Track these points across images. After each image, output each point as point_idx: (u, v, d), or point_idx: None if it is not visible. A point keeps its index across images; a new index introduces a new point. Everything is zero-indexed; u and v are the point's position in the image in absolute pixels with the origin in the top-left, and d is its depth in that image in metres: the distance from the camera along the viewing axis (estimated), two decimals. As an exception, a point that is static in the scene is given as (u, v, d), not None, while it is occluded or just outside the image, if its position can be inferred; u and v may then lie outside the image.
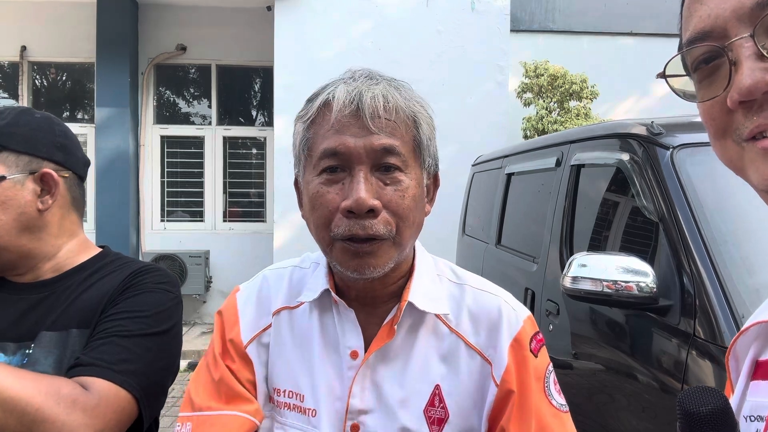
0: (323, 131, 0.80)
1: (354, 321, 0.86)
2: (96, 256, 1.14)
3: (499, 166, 3.88)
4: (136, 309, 1.02)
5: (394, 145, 0.79)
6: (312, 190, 0.81)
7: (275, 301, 0.92)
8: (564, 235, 2.61)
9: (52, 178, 1.07)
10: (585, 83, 6.03)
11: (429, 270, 0.90)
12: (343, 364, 0.85)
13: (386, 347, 0.84)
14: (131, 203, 6.41)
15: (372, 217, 0.77)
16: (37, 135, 1.07)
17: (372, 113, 0.78)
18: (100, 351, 0.96)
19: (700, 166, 1.96)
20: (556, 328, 2.48)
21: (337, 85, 0.82)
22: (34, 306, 1.05)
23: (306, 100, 0.86)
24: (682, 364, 1.67)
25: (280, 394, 0.87)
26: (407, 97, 0.83)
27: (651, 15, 7.26)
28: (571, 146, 2.74)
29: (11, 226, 1.04)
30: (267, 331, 0.90)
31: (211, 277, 6.68)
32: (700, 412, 0.47)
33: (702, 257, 1.73)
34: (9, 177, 1.03)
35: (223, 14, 6.61)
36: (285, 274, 0.95)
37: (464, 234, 4.61)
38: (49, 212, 1.08)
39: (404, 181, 0.80)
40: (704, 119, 0.55)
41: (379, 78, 0.83)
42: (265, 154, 6.92)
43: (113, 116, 6.22)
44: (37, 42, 6.65)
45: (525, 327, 0.87)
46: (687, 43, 0.54)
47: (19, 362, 0.99)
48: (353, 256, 0.79)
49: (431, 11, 5.85)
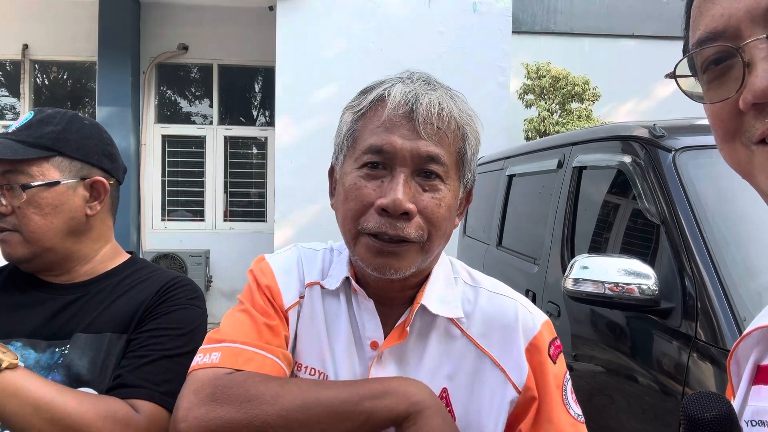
0: (372, 126, 0.80)
1: (373, 311, 0.85)
2: (126, 262, 1.18)
3: (501, 168, 3.88)
4: (173, 327, 1.05)
5: (440, 155, 0.78)
6: (349, 182, 0.80)
7: (308, 275, 0.90)
8: (565, 237, 2.61)
9: (102, 186, 1.12)
10: (587, 85, 6.03)
11: (446, 273, 0.90)
12: (365, 353, 0.85)
13: (398, 348, 0.84)
14: (132, 202, 6.41)
15: (405, 219, 0.77)
16: (89, 142, 1.11)
17: (425, 118, 0.77)
18: (146, 372, 0.99)
19: (703, 169, 1.96)
20: (557, 330, 2.47)
21: (394, 83, 0.81)
22: (66, 306, 1.08)
23: (359, 91, 0.85)
24: (683, 366, 1.67)
25: (302, 369, 0.85)
26: (461, 108, 0.82)
27: (652, 17, 7.27)
28: (573, 148, 2.74)
29: (60, 229, 1.07)
30: (300, 302, 0.88)
31: (211, 276, 6.68)
32: (704, 417, 0.47)
33: (704, 260, 1.74)
34: (63, 182, 1.07)
35: (225, 14, 6.61)
36: (317, 255, 0.93)
37: (465, 235, 4.61)
38: (94, 217, 1.12)
39: (442, 190, 0.79)
40: (712, 121, 0.54)
41: (436, 84, 0.83)
42: (266, 153, 6.93)
43: (114, 115, 6.22)
44: (39, 40, 6.65)
45: (542, 332, 0.87)
46: (697, 43, 0.52)
47: (49, 360, 1.02)
48: (377, 254, 0.78)
49: (433, 12, 5.86)
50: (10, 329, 1.05)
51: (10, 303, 1.09)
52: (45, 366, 1.01)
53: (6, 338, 1.03)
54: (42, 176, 1.04)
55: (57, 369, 1.01)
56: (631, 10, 7.33)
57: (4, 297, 1.10)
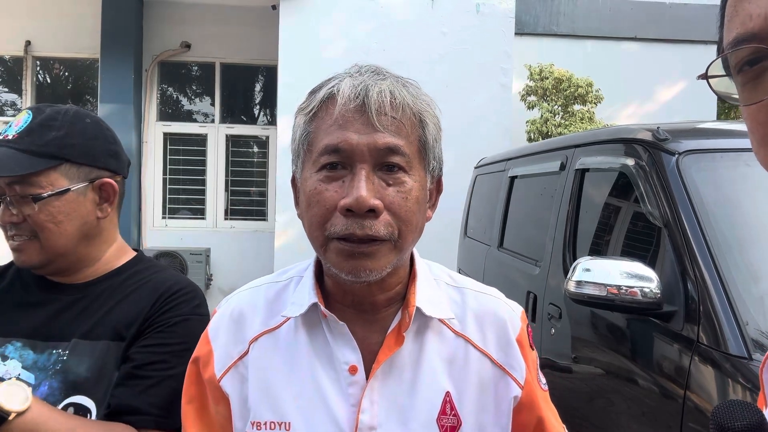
0: (325, 126, 0.76)
1: (347, 335, 0.80)
2: (131, 261, 1.16)
3: (503, 169, 3.88)
4: (177, 342, 1.04)
5: (399, 145, 0.75)
6: (310, 187, 0.77)
7: (252, 325, 0.85)
8: (567, 239, 2.61)
9: (112, 188, 1.10)
10: (590, 87, 6.02)
11: (426, 274, 0.87)
12: (341, 381, 0.79)
13: (394, 356, 0.80)
14: (133, 200, 6.41)
15: (372, 217, 0.73)
16: (94, 144, 1.09)
17: (378, 109, 0.74)
18: (153, 395, 1.00)
19: (706, 173, 1.96)
20: (558, 332, 2.48)
21: (342, 78, 0.77)
22: (68, 307, 1.07)
23: (308, 92, 0.81)
24: (684, 370, 1.67)
25: (260, 427, 0.79)
26: (415, 94, 0.79)
27: (655, 20, 7.26)
28: (576, 150, 2.74)
29: (74, 235, 1.06)
30: (243, 359, 0.83)
31: (211, 274, 6.68)
32: (734, 427, 0.46)
33: (707, 263, 1.73)
34: (73, 189, 1.05)
35: (228, 12, 6.61)
36: (258, 294, 0.88)
37: (466, 236, 4.61)
38: (105, 219, 1.11)
39: (407, 182, 0.76)
40: (749, 124, 0.52)
41: (386, 74, 0.79)
42: (268, 152, 6.93)
43: (116, 112, 6.22)
44: (41, 37, 6.65)
45: (522, 325, 0.88)
46: (732, 43, 0.50)
47: (47, 362, 1.01)
48: (348, 257, 0.74)
49: (436, 12, 5.86)
50: (11, 328, 1.04)
51: (14, 301, 1.09)
52: (42, 368, 1.01)
53: (7, 337, 1.03)
54: (51, 186, 1.03)
55: (54, 375, 1.00)
56: (633, 13, 7.32)
57: (8, 295, 1.10)
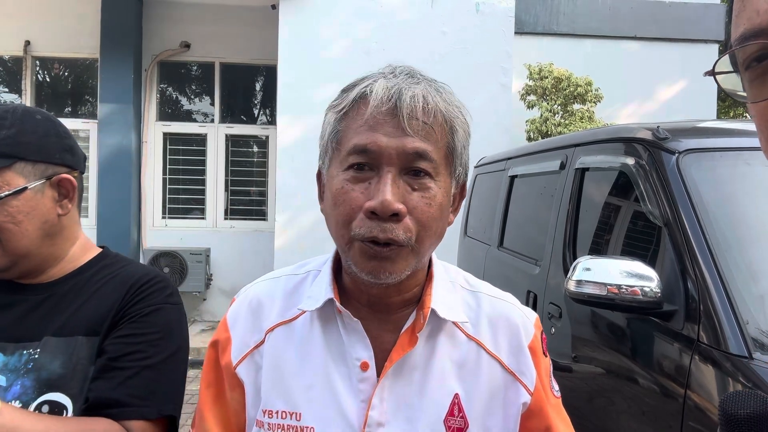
0: (356, 125, 0.76)
1: (361, 332, 0.81)
2: (96, 257, 1.14)
3: (503, 168, 3.88)
4: (150, 331, 1.04)
5: (428, 150, 0.75)
6: (336, 186, 0.77)
7: (269, 316, 0.87)
8: (567, 239, 2.61)
9: (70, 183, 1.08)
10: (590, 86, 6.02)
11: (443, 277, 0.88)
12: (352, 376, 0.81)
13: (407, 356, 0.81)
14: (133, 200, 6.41)
15: (395, 221, 0.74)
16: (48, 140, 1.06)
17: (410, 113, 0.74)
18: (132, 386, 0.99)
19: (706, 172, 1.96)
20: (558, 331, 2.48)
21: (376, 79, 0.77)
22: (36, 307, 1.05)
23: (341, 89, 0.82)
24: (684, 369, 1.67)
25: (272, 415, 0.81)
26: (447, 101, 0.79)
27: (655, 19, 7.25)
28: (576, 149, 2.74)
29: (36, 234, 1.04)
30: (259, 348, 0.85)
31: (211, 274, 6.68)
32: (738, 414, 0.47)
33: (707, 263, 1.73)
34: (30, 187, 1.03)
35: (228, 12, 6.61)
36: (277, 285, 0.90)
37: (466, 235, 4.61)
38: (66, 216, 1.09)
39: (432, 188, 0.77)
40: (757, 121, 0.52)
41: (420, 77, 0.79)
42: (268, 152, 6.92)
43: (116, 112, 6.22)
44: (41, 37, 6.65)
45: (536, 331, 0.88)
46: (740, 39, 0.50)
47: (17, 363, 0.99)
48: (371, 258, 0.76)
49: (436, 12, 5.86)
50: None
51: None
52: (12, 369, 0.99)
53: None
54: (7, 186, 1.00)
55: (27, 374, 0.98)
56: (633, 12, 7.32)
57: None
